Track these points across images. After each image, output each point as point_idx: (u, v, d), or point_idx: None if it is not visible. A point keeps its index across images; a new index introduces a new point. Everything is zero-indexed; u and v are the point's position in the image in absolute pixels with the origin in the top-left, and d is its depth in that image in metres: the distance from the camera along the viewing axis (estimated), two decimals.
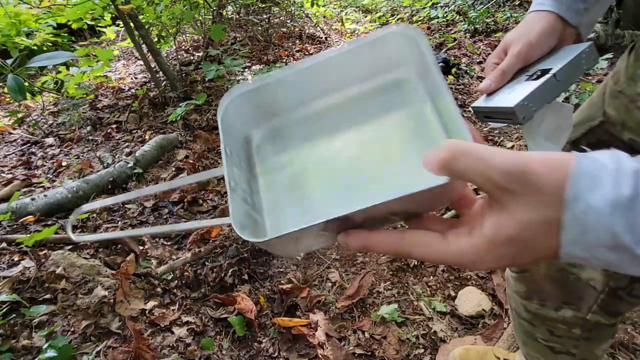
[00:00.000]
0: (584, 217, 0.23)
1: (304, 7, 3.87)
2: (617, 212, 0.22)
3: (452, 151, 0.25)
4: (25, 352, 1.02)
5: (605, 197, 0.22)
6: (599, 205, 0.22)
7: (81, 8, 2.14)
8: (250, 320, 1.15)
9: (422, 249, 0.28)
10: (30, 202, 1.55)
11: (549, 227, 0.24)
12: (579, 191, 0.23)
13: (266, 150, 0.40)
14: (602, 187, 0.22)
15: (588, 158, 0.24)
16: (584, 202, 0.23)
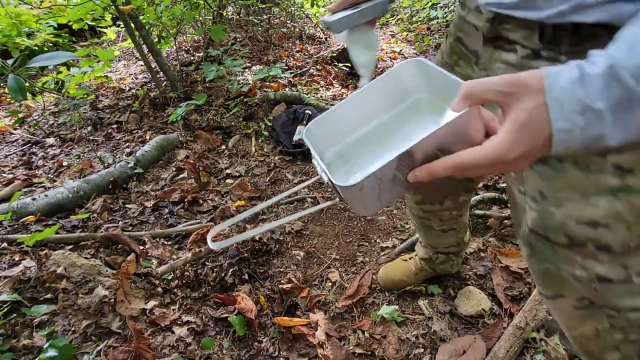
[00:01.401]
0: (560, 97, 0.34)
1: (304, 8, 3.88)
2: (577, 87, 0.34)
3: (467, 86, 0.38)
4: (26, 352, 1.02)
5: (567, 80, 0.34)
6: (565, 86, 0.34)
7: (82, 8, 2.15)
8: (250, 320, 1.15)
9: (469, 156, 0.38)
10: (31, 202, 1.56)
11: (543, 108, 0.35)
12: (551, 81, 0.35)
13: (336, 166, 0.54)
14: (564, 75, 0.35)
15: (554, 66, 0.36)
16: (558, 88, 0.34)
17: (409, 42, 3.63)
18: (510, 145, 0.36)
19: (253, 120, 2.28)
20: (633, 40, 0.34)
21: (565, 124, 0.34)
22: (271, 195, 1.76)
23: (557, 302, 0.64)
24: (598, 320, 0.60)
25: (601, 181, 0.51)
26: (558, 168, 0.54)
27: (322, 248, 1.47)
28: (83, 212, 1.60)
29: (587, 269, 0.55)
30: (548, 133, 0.35)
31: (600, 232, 0.52)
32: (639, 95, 0.32)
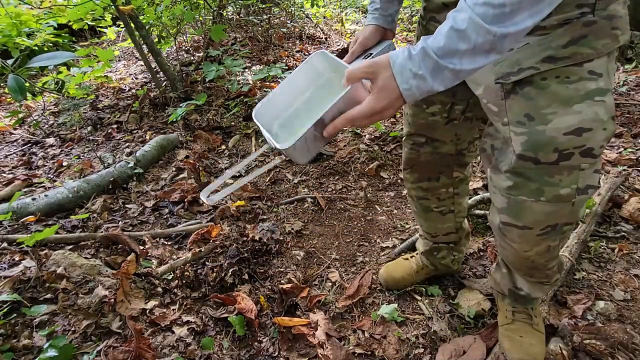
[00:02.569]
0: (399, 69, 0.55)
1: (304, 8, 3.88)
2: (407, 62, 0.54)
3: (348, 71, 0.59)
4: (26, 352, 1.02)
5: (402, 58, 0.55)
6: (401, 62, 0.54)
7: (82, 9, 2.15)
8: (250, 320, 1.15)
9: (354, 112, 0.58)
10: (31, 202, 1.56)
11: (391, 77, 0.55)
12: (394, 60, 0.55)
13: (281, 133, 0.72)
14: (399, 55, 0.55)
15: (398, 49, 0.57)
16: (397, 64, 0.55)
17: (409, 42, 3.63)
18: (376, 101, 0.56)
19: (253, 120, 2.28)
20: (437, 30, 0.53)
21: (405, 85, 0.54)
22: (271, 195, 1.76)
23: (524, 231, 0.72)
24: (552, 239, 0.73)
25: (580, 87, 0.61)
26: (542, 85, 0.63)
27: (322, 248, 1.47)
28: (83, 212, 1.60)
29: (571, 186, 0.64)
30: (398, 91, 0.55)
31: (585, 136, 0.61)
32: (441, 63, 0.52)
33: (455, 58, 0.52)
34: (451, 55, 0.52)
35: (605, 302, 1.17)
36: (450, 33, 0.51)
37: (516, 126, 0.66)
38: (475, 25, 0.50)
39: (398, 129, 2.11)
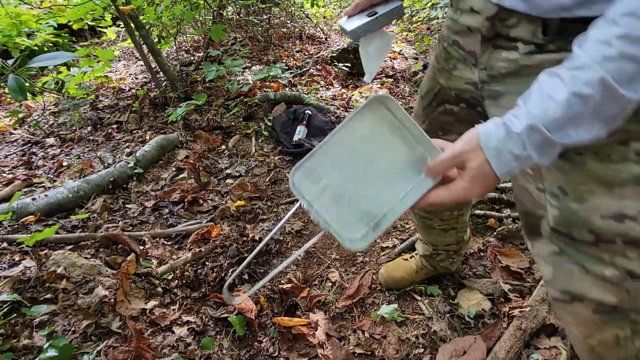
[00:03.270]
0: (496, 153, 0.46)
1: (304, 8, 3.88)
2: (506, 143, 0.45)
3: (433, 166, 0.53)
4: (26, 352, 1.02)
5: (498, 140, 0.46)
6: (497, 145, 0.46)
7: (82, 9, 2.15)
8: (250, 320, 1.15)
9: (438, 197, 0.53)
10: (31, 202, 1.56)
11: (485, 163, 0.47)
12: (486, 142, 0.47)
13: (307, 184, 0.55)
14: (493, 136, 0.46)
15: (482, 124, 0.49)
16: (492, 147, 0.46)
17: (409, 42, 3.63)
18: (468, 191, 0.49)
19: (253, 120, 2.28)
20: (545, 95, 0.43)
21: (504, 168, 0.46)
22: (271, 195, 1.76)
23: (574, 306, 0.59)
24: (620, 327, 0.57)
25: (625, 170, 0.50)
26: (576, 160, 0.53)
27: (322, 248, 1.47)
28: (83, 212, 1.60)
29: (618, 267, 0.53)
30: (494, 176, 0.47)
31: (628, 224, 0.51)
32: (552, 139, 0.43)
33: (571, 129, 0.42)
34: (567, 127, 0.42)
35: None
36: (572, 101, 0.41)
37: (551, 197, 0.57)
38: (606, 89, 0.39)
39: None
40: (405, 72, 2.89)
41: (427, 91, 0.86)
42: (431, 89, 0.84)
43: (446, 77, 0.77)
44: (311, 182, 0.55)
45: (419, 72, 2.85)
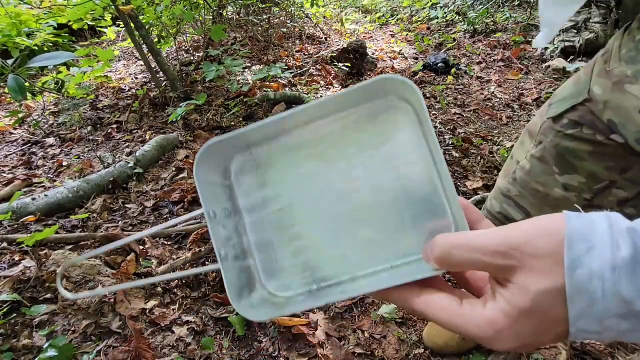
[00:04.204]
0: (587, 286, 0.22)
1: (304, 8, 3.88)
2: (623, 276, 0.21)
3: (442, 250, 0.27)
4: (26, 352, 1.02)
5: (605, 259, 0.21)
6: (599, 269, 0.21)
7: (82, 9, 2.15)
8: (250, 320, 1.15)
9: (438, 312, 0.27)
10: (31, 202, 1.56)
11: (560, 296, 0.23)
12: (576, 256, 0.22)
13: (247, 184, 0.37)
14: (599, 247, 0.22)
15: (578, 217, 0.23)
16: (584, 267, 0.22)
17: (409, 42, 3.63)
18: (504, 333, 0.25)
19: (253, 121, 2.28)
20: None
21: (593, 326, 0.23)
22: None
23: None
24: None
25: None
26: None
27: None
28: (83, 212, 1.60)
29: None
30: (563, 330, 0.24)
31: None
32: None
33: None
34: None
35: None
36: None
37: None
38: None
39: None
40: (405, 72, 2.89)
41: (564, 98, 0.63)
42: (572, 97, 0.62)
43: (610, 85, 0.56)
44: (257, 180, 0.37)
45: (419, 72, 2.85)
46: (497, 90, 2.60)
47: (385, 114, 0.35)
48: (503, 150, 1.94)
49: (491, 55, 3.11)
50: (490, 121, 2.29)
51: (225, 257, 0.34)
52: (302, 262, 0.35)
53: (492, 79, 2.75)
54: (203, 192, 0.34)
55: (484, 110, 2.38)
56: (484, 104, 2.46)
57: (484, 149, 1.99)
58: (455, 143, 2.01)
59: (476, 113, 2.36)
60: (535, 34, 3.46)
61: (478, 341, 0.26)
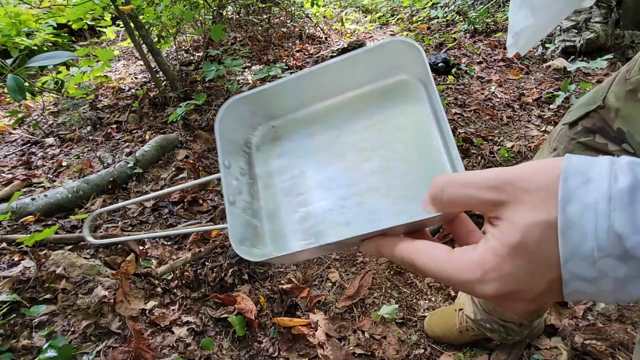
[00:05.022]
0: (580, 220, 0.20)
1: (304, 7, 3.87)
2: (617, 208, 0.19)
3: (436, 186, 0.26)
4: (25, 352, 1.02)
5: (601, 191, 0.19)
6: (593, 201, 0.20)
7: (81, 8, 2.14)
8: (250, 320, 1.15)
9: (426, 258, 0.26)
10: (31, 202, 1.55)
11: (551, 231, 0.21)
12: (571, 188, 0.20)
13: (266, 153, 0.40)
14: (596, 180, 0.20)
15: (578, 156, 0.22)
16: (578, 200, 0.20)
17: None
18: (490, 274, 0.23)
19: None
20: None
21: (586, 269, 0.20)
22: None
23: None
24: None
25: None
26: None
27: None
28: (82, 212, 1.60)
29: None
30: (554, 276, 0.22)
31: None
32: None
33: None
34: None
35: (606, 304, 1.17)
36: None
37: None
38: None
39: None
40: None
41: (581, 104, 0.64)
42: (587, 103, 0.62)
43: (625, 93, 0.56)
44: (274, 150, 0.39)
45: None
46: (497, 90, 2.60)
47: (395, 90, 0.37)
48: (503, 150, 1.93)
49: (491, 55, 3.11)
50: (490, 121, 2.29)
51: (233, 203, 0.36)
52: (308, 227, 0.36)
53: (493, 79, 2.75)
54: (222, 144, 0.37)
55: (485, 110, 2.38)
56: (485, 104, 2.45)
57: (485, 149, 1.99)
58: (456, 143, 2.01)
59: (476, 113, 2.36)
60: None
61: (464, 288, 0.24)
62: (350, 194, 0.36)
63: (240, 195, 0.38)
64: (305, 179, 0.38)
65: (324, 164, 0.38)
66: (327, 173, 0.37)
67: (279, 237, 0.37)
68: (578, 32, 2.86)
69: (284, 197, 0.38)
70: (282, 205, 0.38)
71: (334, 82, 0.38)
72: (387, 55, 0.35)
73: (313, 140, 0.39)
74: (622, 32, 2.87)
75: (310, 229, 0.36)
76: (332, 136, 0.38)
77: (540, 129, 2.15)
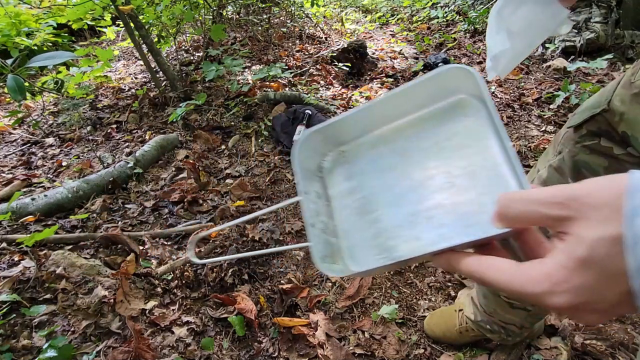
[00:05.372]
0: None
1: (304, 7, 3.87)
2: None
3: (502, 204, 0.28)
4: (25, 352, 1.02)
5: None
6: None
7: (81, 8, 2.14)
8: (250, 320, 1.15)
9: (496, 272, 0.27)
10: (31, 202, 1.55)
11: (618, 246, 0.22)
12: (637, 203, 0.21)
13: (337, 176, 0.44)
14: None
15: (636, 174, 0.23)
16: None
17: (409, 42, 3.63)
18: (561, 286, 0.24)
19: (253, 120, 2.28)
20: None
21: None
22: (271, 195, 1.76)
23: None
24: None
25: None
26: None
27: None
28: (82, 212, 1.60)
29: None
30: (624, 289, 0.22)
31: None
32: None
33: None
34: None
35: None
36: None
37: None
38: None
39: None
40: (406, 72, 2.89)
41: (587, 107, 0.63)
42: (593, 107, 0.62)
43: (630, 97, 0.56)
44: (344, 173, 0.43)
45: (419, 71, 2.85)
46: (497, 89, 2.60)
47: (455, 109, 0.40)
48: None
49: None
50: None
51: (313, 225, 0.40)
52: (380, 243, 0.39)
53: (493, 79, 2.75)
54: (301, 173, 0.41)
55: None
56: None
57: None
58: None
59: None
60: None
61: (534, 300, 0.25)
62: (418, 211, 0.39)
63: (318, 217, 0.42)
64: (375, 198, 0.41)
65: (391, 184, 0.41)
66: (394, 192, 0.41)
67: (354, 253, 0.41)
68: (578, 32, 2.86)
69: (356, 215, 0.42)
70: (356, 223, 0.42)
71: (397, 108, 0.41)
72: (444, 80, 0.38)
73: (379, 162, 0.42)
74: (622, 32, 2.87)
75: (383, 244, 0.39)
76: (397, 157, 0.42)
77: (540, 129, 2.15)
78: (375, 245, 0.40)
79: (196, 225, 1.53)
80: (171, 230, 1.52)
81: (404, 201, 0.40)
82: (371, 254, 0.40)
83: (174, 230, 1.52)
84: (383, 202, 0.41)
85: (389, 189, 0.41)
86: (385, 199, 0.41)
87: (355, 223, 0.42)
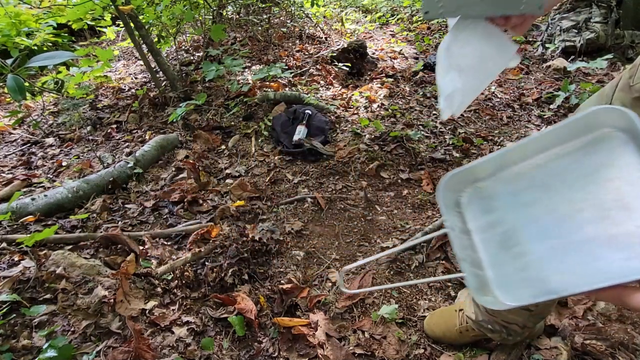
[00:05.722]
0: None
1: (304, 7, 3.87)
2: None
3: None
4: (25, 352, 1.02)
5: None
6: None
7: (81, 8, 2.14)
8: (250, 320, 1.15)
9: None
10: (31, 202, 1.55)
11: None
12: None
13: (475, 210, 0.45)
14: None
15: None
16: None
17: (409, 42, 3.63)
18: None
19: (253, 120, 2.28)
20: None
21: None
22: (271, 195, 1.75)
23: None
24: None
25: None
26: None
27: (322, 248, 1.47)
28: (82, 212, 1.60)
29: None
30: None
31: None
32: None
33: None
34: None
35: (605, 303, 1.16)
36: None
37: None
38: None
39: (398, 129, 2.11)
40: (406, 71, 2.89)
41: None
42: None
43: (630, 100, 0.58)
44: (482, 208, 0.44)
45: (419, 71, 2.85)
46: (497, 89, 2.60)
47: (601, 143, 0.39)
48: None
49: None
50: (490, 121, 2.29)
51: (464, 259, 0.41)
52: (531, 275, 0.40)
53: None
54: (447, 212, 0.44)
55: (484, 110, 2.38)
56: (484, 104, 2.45)
57: (485, 148, 1.99)
58: (456, 143, 2.01)
59: (476, 113, 2.36)
60: (535, 33, 3.44)
61: None
62: (568, 243, 0.38)
63: (465, 251, 0.43)
64: (518, 232, 0.42)
65: (534, 217, 0.41)
66: (539, 225, 0.40)
67: (503, 285, 0.41)
68: (578, 32, 2.86)
69: (499, 248, 0.42)
70: (499, 255, 0.42)
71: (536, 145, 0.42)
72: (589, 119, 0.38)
73: (519, 196, 0.42)
74: (622, 32, 2.87)
75: (533, 277, 0.39)
76: (538, 191, 0.41)
77: (540, 129, 2.15)
78: (524, 278, 0.40)
79: (196, 225, 1.53)
80: (171, 230, 1.52)
81: (550, 234, 0.39)
82: (522, 287, 0.40)
83: (174, 230, 1.52)
84: (527, 235, 0.41)
85: (532, 222, 0.41)
86: (529, 232, 0.41)
87: (498, 256, 0.42)
